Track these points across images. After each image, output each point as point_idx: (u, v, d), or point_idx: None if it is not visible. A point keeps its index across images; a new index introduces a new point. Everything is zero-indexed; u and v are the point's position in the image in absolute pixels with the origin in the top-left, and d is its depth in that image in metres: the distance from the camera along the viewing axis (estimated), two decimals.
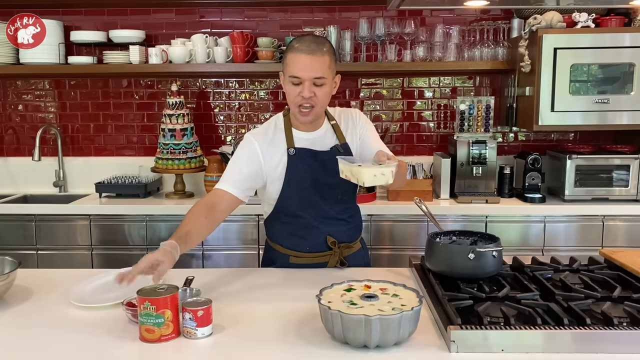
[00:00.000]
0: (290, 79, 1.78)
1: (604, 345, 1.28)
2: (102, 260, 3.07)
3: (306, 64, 1.75)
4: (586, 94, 2.99)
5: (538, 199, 3.08)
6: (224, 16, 3.50)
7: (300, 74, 1.75)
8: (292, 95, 1.79)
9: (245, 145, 1.90)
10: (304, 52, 1.75)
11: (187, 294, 1.59)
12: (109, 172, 3.46)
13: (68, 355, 1.34)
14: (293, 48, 1.78)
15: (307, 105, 1.79)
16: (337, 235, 1.95)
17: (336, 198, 1.93)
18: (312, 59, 1.75)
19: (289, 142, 1.88)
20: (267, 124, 1.96)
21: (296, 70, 1.76)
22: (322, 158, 1.88)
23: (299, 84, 1.77)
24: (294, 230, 1.94)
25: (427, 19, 3.43)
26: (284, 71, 1.82)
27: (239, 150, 1.91)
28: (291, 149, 1.87)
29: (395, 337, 1.29)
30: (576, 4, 2.88)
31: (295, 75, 1.76)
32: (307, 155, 1.88)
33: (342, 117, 1.98)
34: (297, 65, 1.76)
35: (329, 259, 1.95)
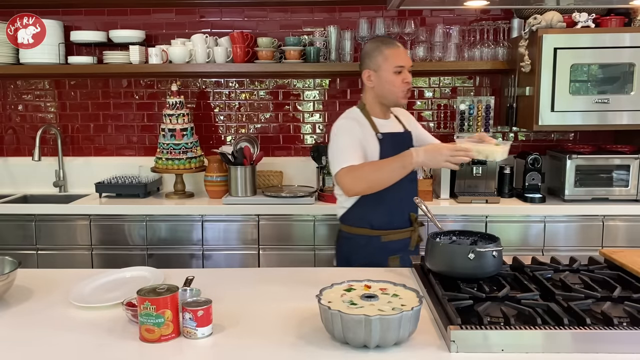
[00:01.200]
0: (396, 69, 2.11)
1: (604, 345, 1.28)
2: (102, 260, 3.08)
3: (404, 55, 2.15)
4: (586, 94, 2.99)
5: (538, 199, 3.08)
6: (224, 16, 3.50)
7: (404, 63, 2.12)
8: (397, 82, 2.12)
9: (349, 128, 2.12)
10: (399, 47, 2.15)
11: (187, 294, 1.59)
12: (109, 172, 3.46)
13: (68, 355, 1.34)
14: (387, 44, 2.14)
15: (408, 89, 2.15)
16: (415, 211, 2.20)
17: (411, 177, 2.13)
18: (406, 52, 2.20)
19: (374, 128, 2.15)
20: (349, 113, 2.21)
21: (400, 61, 2.12)
22: (401, 139, 2.18)
23: (400, 72, 2.11)
24: (386, 209, 2.14)
25: (427, 19, 3.43)
26: (382, 65, 2.12)
27: (344, 134, 2.10)
28: (379, 134, 2.13)
29: (395, 337, 1.29)
30: (576, 4, 2.88)
31: (401, 64, 2.11)
32: (393, 138, 2.16)
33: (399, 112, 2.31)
34: (399, 56, 2.12)
35: (411, 234, 2.18)
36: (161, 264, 2.84)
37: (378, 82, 2.15)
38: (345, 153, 2.06)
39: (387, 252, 2.14)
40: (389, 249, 2.14)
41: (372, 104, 2.21)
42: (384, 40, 2.20)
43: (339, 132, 2.12)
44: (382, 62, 2.12)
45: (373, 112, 2.20)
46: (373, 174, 2.01)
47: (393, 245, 2.14)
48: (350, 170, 2.01)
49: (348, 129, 2.11)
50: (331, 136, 2.14)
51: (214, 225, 3.06)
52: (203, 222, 3.05)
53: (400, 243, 2.16)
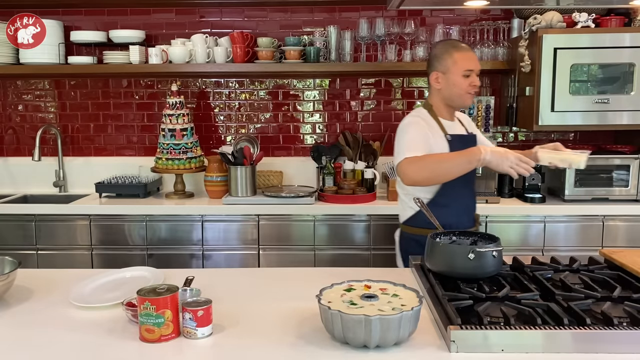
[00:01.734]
0: (465, 73, 2.13)
1: (604, 345, 1.28)
2: (102, 260, 3.08)
3: (474, 59, 2.16)
4: (586, 94, 2.99)
5: (538, 199, 3.08)
6: (224, 16, 3.50)
7: (473, 67, 2.14)
8: (465, 85, 2.13)
9: (416, 123, 2.14)
10: (469, 50, 2.17)
11: (187, 294, 1.59)
12: (109, 172, 3.46)
13: (68, 355, 1.34)
14: (457, 47, 2.16)
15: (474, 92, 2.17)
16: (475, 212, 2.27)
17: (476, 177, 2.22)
18: (475, 55, 2.19)
19: (442, 129, 2.17)
20: (416, 113, 2.21)
21: (469, 65, 2.13)
22: (468, 140, 2.20)
23: (469, 76, 2.13)
24: (458, 208, 2.17)
25: (427, 19, 3.43)
26: (451, 68, 2.14)
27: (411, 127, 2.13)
28: (448, 135, 2.16)
29: (395, 337, 1.30)
30: (576, 4, 2.88)
31: (470, 68, 2.13)
32: (461, 139, 2.18)
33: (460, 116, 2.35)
34: (469, 60, 2.14)
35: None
36: (161, 264, 2.84)
37: (446, 84, 2.17)
38: (410, 145, 2.06)
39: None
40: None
41: (439, 106, 2.23)
42: (454, 43, 2.21)
43: (407, 128, 2.14)
44: (452, 65, 2.14)
45: (440, 113, 2.22)
46: (436, 164, 2.00)
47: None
48: (413, 160, 2.01)
49: (416, 126, 2.14)
50: (397, 132, 2.16)
51: (214, 225, 3.06)
52: (203, 222, 3.05)
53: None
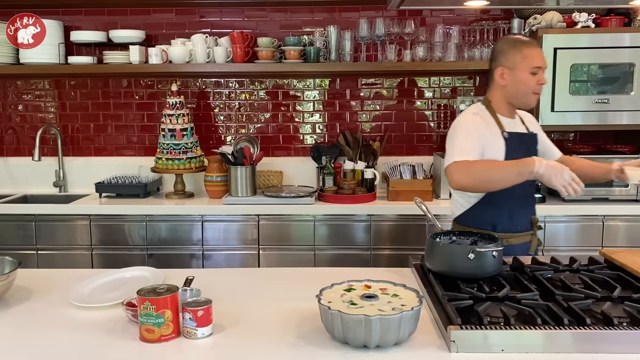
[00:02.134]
0: (533, 70, 2.02)
1: (604, 345, 1.28)
2: (102, 260, 3.08)
3: (542, 56, 2.06)
4: (586, 94, 2.99)
5: (538, 199, 3.07)
6: (224, 16, 3.50)
7: (542, 64, 2.04)
8: (532, 83, 2.03)
9: (473, 121, 2.06)
10: (538, 47, 2.07)
11: (187, 294, 1.59)
12: (109, 172, 3.46)
13: (68, 355, 1.34)
14: (526, 43, 2.05)
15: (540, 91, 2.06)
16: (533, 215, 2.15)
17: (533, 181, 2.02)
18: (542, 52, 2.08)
19: (500, 127, 2.07)
20: (473, 110, 2.12)
21: (538, 62, 2.03)
22: (528, 140, 2.12)
23: (536, 73, 2.02)
24: (511, 211, 2.07)
25: (427, 19, 3.43)
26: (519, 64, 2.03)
27: (467, 125, 2.05)
28: (505, 133, 2.05)
29: (395, 337, 1.29)
30: (576, 4, 2.88)
31: (538, 65, 2.02)
32: (519, 138, 2.09)
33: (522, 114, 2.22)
34: (538, 57, 2.04)
35: (531, 238, 2.11)
36: (161, 264, 2.84)
37: (512, 81, 2.06)
38: (462, 147, 1.98)
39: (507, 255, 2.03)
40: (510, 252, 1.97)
41: (499, 102, 2.12)
42: (522, 39, 2.10)
43: (461, 126, 2.06)
44: (520, 62, 2.03)
45: (499, 110, 2.11)
46: (485, 174, 1.92)
47: (514, 248, 2.04)
48: (462, 164, 1.93)
49: (471, 125, 2.05)
50: (451, 129, 2.08)
51: (214, 225, 3.06)
52: (203, 222, 3.05)
53: (521, 247, 2.08)
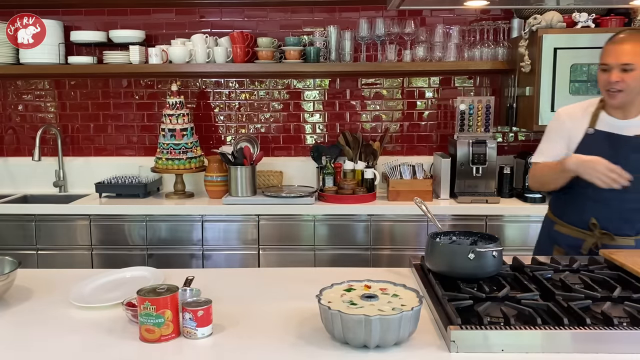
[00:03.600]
0: (601, 66, 1.97)
1: (604, 345, 1.28)
2: (102, 260, 3.08)
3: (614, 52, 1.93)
4: (586, 94, 2.99)
5: (538, 199, 3.08)
6: (224, 16, 3.50)
7: (609, 61, 1.94)
8: (602, 80, 1.98)
9: (557, 119, 2.14)
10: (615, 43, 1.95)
11: (187, 294, 1.59)
12: (109, 172, 3.46)
13: (68, 355, 1.34)
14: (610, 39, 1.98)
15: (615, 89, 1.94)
16: (604, 221, 2.00)
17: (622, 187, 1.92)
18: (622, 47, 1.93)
19: (591, 123, 2.03)
20: (580, 103, 2.14)
21: (605, 58, 1.96)
22: (619, 142, 1.97)
23: (605, 70, 1.95)
24: (567, 201, 2.10)
25: (427, 19, 3.43)
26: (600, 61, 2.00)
27: (551, 124, 2.17)
28: (591, 129, 2.01)
29: (395, 337, 1.29)
30: (576, 4, 2.88)
31: (604, 62, 1.96)
32: (604, 136, 1.99)
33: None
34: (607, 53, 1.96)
35: (586, 238, 2.03)
36: (161, 264, 2.84)
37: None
38: (539, 149, 2.15)
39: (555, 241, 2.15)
40: (558, 239, 2.12)
41: None
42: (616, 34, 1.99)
43: (551, 121, 2.18)
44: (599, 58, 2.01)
45: (607, 106, 2.04)
46: (541, 175, 2.11)
47: (563, 238, 2.11)
48: (533, 167, 2.17)
49: (553, 124, 2.15)
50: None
51: (214, 225, 3.06)
52: (203, 222, 3.05)
53: (571, 240, 2.07)
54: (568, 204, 2.11)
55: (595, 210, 2.01)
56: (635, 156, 1.93)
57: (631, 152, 1.94)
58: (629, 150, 1.94)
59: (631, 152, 1.94)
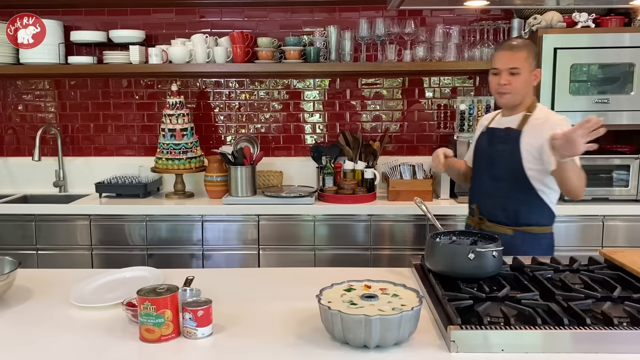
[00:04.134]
0: (492, 70, 2.15)
1: (604, 345, 1.28)
2: (102, 260, 3.07)
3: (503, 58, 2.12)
4: (586, 94, 2.99)
5: None
6: (224, 16, 3.50)
7: (498, 66, 2.13)
8: (492, 83, 2.17)
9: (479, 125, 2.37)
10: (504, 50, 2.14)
11: (187, 294, 1.59)
12: (109, 172, 3.46)
13: (68, 355, 1.34)
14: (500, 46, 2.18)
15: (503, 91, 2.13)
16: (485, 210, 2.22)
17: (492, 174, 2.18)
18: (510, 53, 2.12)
19: (489, 123, 2.28)
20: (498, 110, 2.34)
21: (495, 63, 2.14)
22: (493, 134, 2.22)
23: (496, 74, 2.13)
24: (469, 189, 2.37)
25: (427, 19, 3.43)
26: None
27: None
28: (484, 128, 2.28)
29: (395, 337, 1.30)
30: (576, 4, 2.88)
31: (494, 67, 2.14)
32: (488, 132, 2.25)
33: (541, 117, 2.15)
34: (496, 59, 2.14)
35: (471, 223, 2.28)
36: (161, 264, 2.84)
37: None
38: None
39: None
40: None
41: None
42: (503, 42, 2.26)
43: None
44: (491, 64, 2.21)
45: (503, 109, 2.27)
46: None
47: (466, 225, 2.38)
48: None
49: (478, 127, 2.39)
50: None
51: (214, 225, 3.06)
52: (203, 222, 3.05)
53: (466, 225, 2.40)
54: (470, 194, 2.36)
55: (478, 198, 2.26)
56: (501, 146, 2.16)
57: (498, 143, 2.17)
58: (496, 142, 2.18)
59: (498, 143, 2.17)
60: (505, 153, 2.14)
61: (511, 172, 2.12)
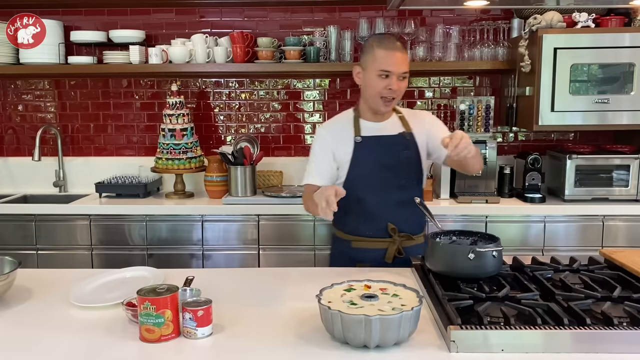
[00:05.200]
0: (381, 73, 1.97)
1: (604, 345, 1.28)
2: (102, 260, 3.07)
3: (396, 60, 1.97)
4: (586, 94, 2.99)
5: (538, 199, 3.08)
6: (224, 16, 3.50)
7: (391, 69, 1.96)
8: (379, 87, 1.98)
9: (317, 138, 2.12)
10: (394, 50, 1.97)
11: (187, 294, 1.59)
12: (109, 172, 3.46)
13: (68, 355, 1.34)
14: (382, 44, 1.99)
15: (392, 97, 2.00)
16: (398, 224, 2.04)
17: (399, 183, 2.04)
18: (401, 56, 1.99)
19: (356, 132, 2.06)
20: (337, 116, 2.19)
21: (387, 65, 1.96)
22: (387, 142, 2.05)
23: (386, 77, 1.97)
24: (357, 215, 2.05)
25: (427, 19, 3.43)
26: (369, 65, 2.01)
27: (314, 145, 2.12)
28: (358, 137, 2.05)
29: (395, 337, 1.30)
30: (576, 4, 2.88)
31: (386, 69, 1.96)
32: (372, 141, 2.05)
33: (412, 113, 2.18)
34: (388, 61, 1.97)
35: (388, 246, 2.03)
36: (161, 264, 2.84)
37: (363, 82, 2.07)
38: (309, 168, 2.09)
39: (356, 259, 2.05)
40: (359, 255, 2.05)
41: (362, 105, 2.13)
42: (383, 39, 2.04)
43: (313, 142, 2.15)
44: (370, 62, 2.01)
45: (363, 113, 2.11)
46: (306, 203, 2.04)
47: (365, 253, 2.05)
48: (305, 190, 2.07)
49: (317, 140, 2.12)
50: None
51: (214, 225, 3.06)
52: (203, 222, 3.05)
53: (373, 253, 2.04)
54: (361, 218, 2.05)
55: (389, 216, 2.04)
56: (406, 153, 2.05)
57: (401, 150, 2.04)
58: (399, 149, 2.05)
59: (401, 150, 2.04)
60: (411, 159, 2.06)
61: (415, 176, 2.09)
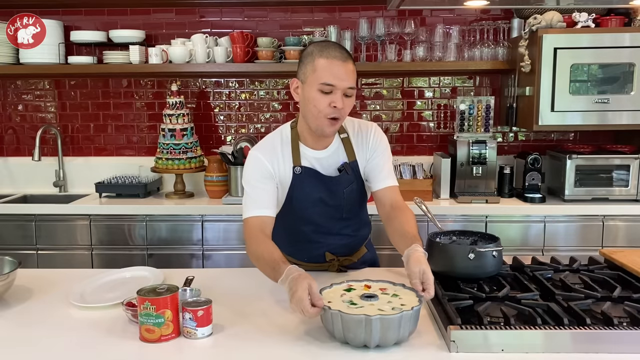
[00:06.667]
0: (323, 87, 1.62)
1: (604, 345, 1.28)
2: (102, 260, 3.07)
3: (342, 72, 1.61)
4: (586, 94, 2.99)
5: (538, 199, 3.08)
6: (224, 16, 3.50)
7: (335, 82, 1.61)
8: (322, 104, 1.63)
9: (253, 163, 1.76)
10: (339, 59, 1.61)
11: (187, 294, 1.59)
12: (109, 172, 3.46)
13: (68, 355, 1.34)
14: (324, 52, 1.62)
15: (336, 116, 1.65)
16: (338, 249, 1.91)
17: (341, 217, 1.87)
18: (347, 67, 1.62)
19: (295, 160, 1.77)
20: (271, 136, 1.82)
21: (330, 78, 1.61)
22: (328, 182, 1.79)
23: (330, 92, 1.62)
24: (294, 241, 1.89)
25: (427, 19, 3.43)
26: (309, 77, 1.65)
27: (250, 172, 1.77)
28: (297, 167, 1.76)
29: (395, 337, 1.30)
30: (576, 4, 2.88)
31: (329, 82, 1.61)
32: (313, 176, 1.77)
33: (357, 130, 1.85)
34: (331, 72, 1.60)
35: (327, 267, 1.91)
36: (161, 264, 2.84)
37: (302, 98, 1.70)
38: (246, 200, 1.75)
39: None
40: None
41: (302, 125, 1.77)
42: (325, 46, 1.65)
43: (247, 167, 1.78)
44: (310, 74, 1.64)
45: (302, 135, 1.78)
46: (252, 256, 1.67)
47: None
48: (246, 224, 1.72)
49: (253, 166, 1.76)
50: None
51: (214, 225, 3.06)
52: (203, 222, 3.05)
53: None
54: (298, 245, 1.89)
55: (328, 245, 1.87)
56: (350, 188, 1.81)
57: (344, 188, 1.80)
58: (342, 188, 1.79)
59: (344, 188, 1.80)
60: (354, 192, 1.83)
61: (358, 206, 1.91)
